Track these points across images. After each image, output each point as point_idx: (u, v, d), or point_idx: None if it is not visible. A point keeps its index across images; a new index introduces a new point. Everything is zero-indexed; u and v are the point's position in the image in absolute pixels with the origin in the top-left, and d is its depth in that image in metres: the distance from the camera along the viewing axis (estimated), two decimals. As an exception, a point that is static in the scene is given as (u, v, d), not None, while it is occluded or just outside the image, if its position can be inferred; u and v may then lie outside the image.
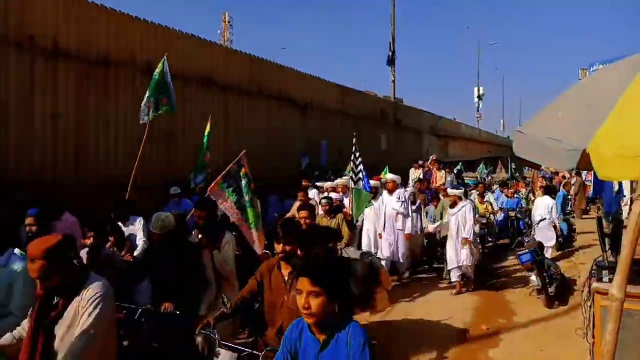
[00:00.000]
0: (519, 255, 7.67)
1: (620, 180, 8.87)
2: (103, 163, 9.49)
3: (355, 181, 7.78)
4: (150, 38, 10.56)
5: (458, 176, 14.92)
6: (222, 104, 12.70)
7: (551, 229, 10.51)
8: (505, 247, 11.83)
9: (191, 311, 4.13)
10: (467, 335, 6.38)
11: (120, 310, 4.05)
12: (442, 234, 9.50)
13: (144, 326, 4.01)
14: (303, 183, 11.02)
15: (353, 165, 7.91)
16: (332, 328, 2.32)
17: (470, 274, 8.40)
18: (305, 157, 14.69)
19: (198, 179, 9.16)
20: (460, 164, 20.03)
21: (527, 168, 22.53)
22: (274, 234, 3.67)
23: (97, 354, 2.75)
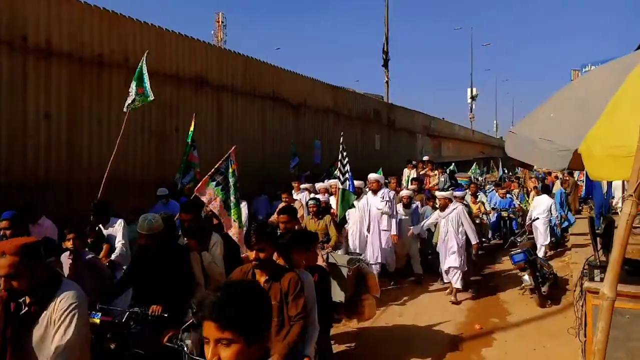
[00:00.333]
0: (512, 255, 7.72)
1: (611, 180, 8.92)
2: (96, 164, 9.44)
3: (342, 181, 7.65)
4: (144, 38, 10.51)
5: (451, 176, 14.91)
6: (216, 104, 12.67)
7: (547, 228, 10.65)
8: (498, 248, 11.88)
9: (180, 314, 4.05)
10: (461, 335, 6.41)
11: (107, 314, 4.02)
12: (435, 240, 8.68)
13: (132, 330, 3.97)
14: (293, 184, 10.75)
15: (340, 165, 7.75)
16: None
17: (459, 280, 7.94)
18: (294, 158, 14.17)
19: (185, 179, 9.03)
20: (452, 164, 20.03)
21: (519, 169, 22.58)
22: (247, 239, 3.35)
23: None
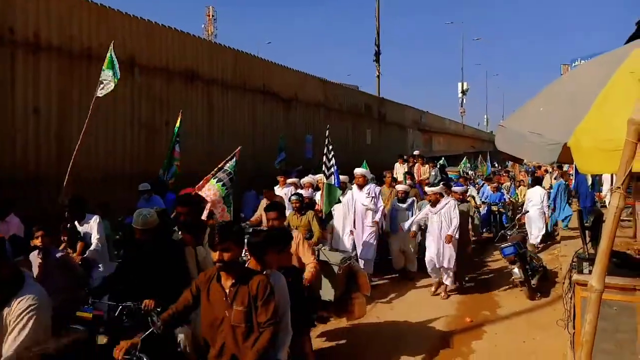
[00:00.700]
0: (502, 248, 7.78)
1: (600, 173, 9.01)
2: (85, 158, 9.37)
3: (328, 176, 7.48)
4: (133, 31, 10.42)
5: (442, 171, 14.96)
6: (206, 98, 12.61)
7: (542, 219, 10.81)
8: (489, 241, 11.96)
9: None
10: (451, 328, 6.45)
11: (100, 308, 4.01)
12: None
13: (125, 324, 3.96)
14: (279, 179, 10.28)
15: (326, 159, 7.60)
16: None
17: (450, 278, 7.85)
18: (280, 154, 13.77)
19: (168, 174, 9.16)
20: (442, 158, 20.06)
21: (509, 163, 22.69)
22: (210, 239, 3.13)
23: None
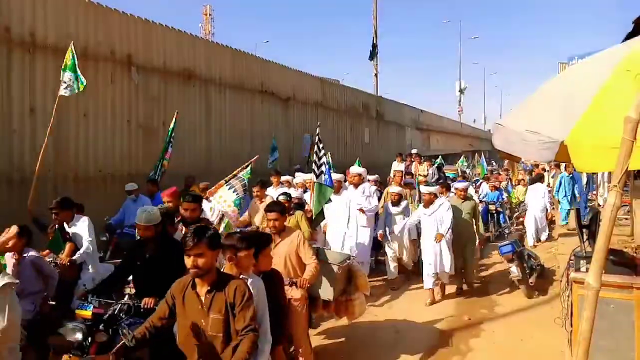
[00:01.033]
0: (500, 246, 7.79)
1: (597, 171, 9.01)
2: (83, 158, 9.36)
3: (318, 174, 7.25)
4: (130, 31, 10.41)
5: (439, 169, 14.94)
6: (204, 98, 12.60)
7: (544, 214, 10.87)
8: (486, 240, 11.94)
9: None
10: (449, 326, 6.46)
11: (99, 306, 4.01)
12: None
13: (124, 322, 3.95)
14: (273, 179, 9.60)
15: (316, 157, 7.35)
16: None
17: (446, 278, 7.58)
18: (272, 153, 13.48)
19: (156, 173, 9.21)
20: (440, 157, 20.06)
21: (505, 161, 22.69)
22: (183, 245, 2.98)
23: None
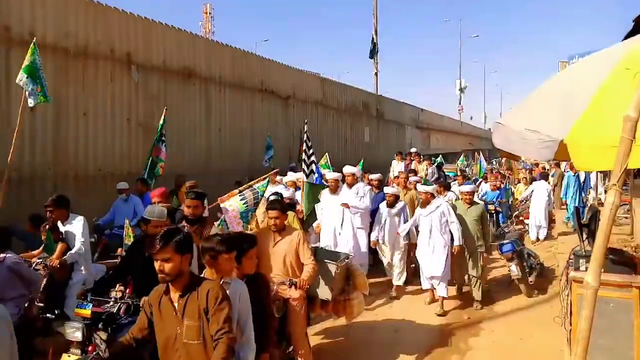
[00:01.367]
0: (500, 245, 7.79)
1: (596, 170, 8.99)
2: (82, 156, 9.35)
3: (307, 174, 7.03)
4: (130, 29, 10.40)
5: (439, 168, 14.94)
6: (204, 96, 12.60)
7: (546, 211, 10.91)
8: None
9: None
10: (449, 325, 6.46)
11: (98, 304, 4.01)
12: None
13: (124, 321, 3.95)
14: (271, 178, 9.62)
15: (305, 155, 7.07)
16: None
17: (444, 289, 7.01)
18: (267, 151, 13.32)
19: (149, 175, 8.63)
20: (440, 156, 20.04)
21: (502, 160, 22.67)
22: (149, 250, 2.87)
23: None
